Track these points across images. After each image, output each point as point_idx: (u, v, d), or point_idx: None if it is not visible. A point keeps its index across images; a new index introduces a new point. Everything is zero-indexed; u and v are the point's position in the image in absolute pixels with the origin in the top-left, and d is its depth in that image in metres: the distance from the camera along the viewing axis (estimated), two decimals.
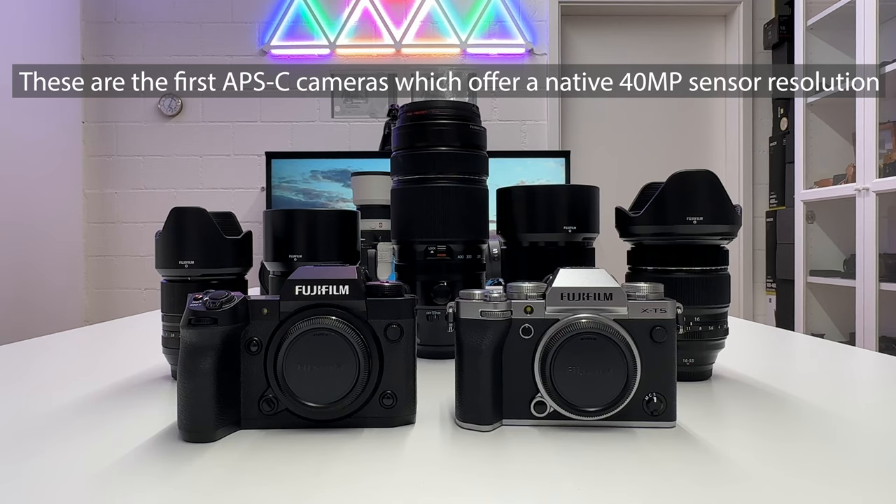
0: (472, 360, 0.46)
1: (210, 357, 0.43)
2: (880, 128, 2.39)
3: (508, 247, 0.71)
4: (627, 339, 0.44)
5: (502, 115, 3.24)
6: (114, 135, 3.24)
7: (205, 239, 0.62)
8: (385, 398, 0.46)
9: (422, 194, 0.73)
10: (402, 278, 0.75)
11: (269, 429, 0.46)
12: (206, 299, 0.44)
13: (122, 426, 0.46)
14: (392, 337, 0.46)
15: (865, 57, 2.39)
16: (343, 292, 0.46)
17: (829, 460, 0.40)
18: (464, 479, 0.38)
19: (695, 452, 0.42)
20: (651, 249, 0.62)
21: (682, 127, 3.41)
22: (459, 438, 0.45)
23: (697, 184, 0.60)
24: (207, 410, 0.43)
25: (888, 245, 2.48)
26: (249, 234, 0.66)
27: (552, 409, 0.46)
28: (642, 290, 0.46)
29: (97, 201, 3.25)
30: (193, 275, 0.62)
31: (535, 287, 0.47)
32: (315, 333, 0.44)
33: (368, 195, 1.22)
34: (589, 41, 3.38)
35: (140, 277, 3.21)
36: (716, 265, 0.61)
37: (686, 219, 0.59)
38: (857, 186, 2.43)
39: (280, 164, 2.97)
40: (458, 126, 0.73)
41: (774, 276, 3.17)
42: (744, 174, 3.32)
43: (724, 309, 0.62)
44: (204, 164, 3.25)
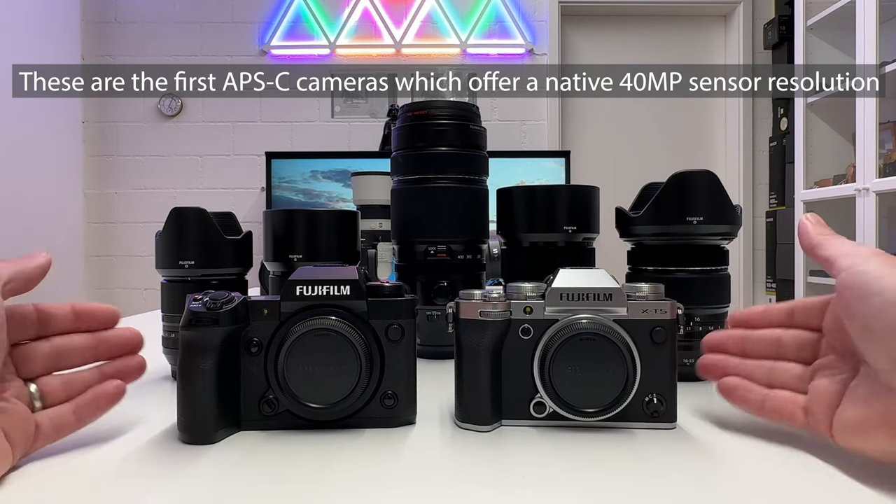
0: (471, 361, 0.46)
1: (210, 358, 0.43)
2: (880, 128, 2.38)
3: (508, 247, 0.71)
4: (627, 339, 0.44)
5: (502, 115, 3.23)
6: (114, 135, 3.24)
7: (205, 239, 0.62)
8: (386, 398, 0.46)
9: (422, 194, 0.73)
10: (402, 278, 0.75)
11: (269, 430, 0.46)
12: (206, 300, 0.44)
13: (122, 427, 0.46)
14: (393, 337, 0.46)
15: (865, 57, 2.39)
16: (344, 293, 0.46)
17: (829, 460, 0.40)
18: (463, 480, 0.38)
19: (695, 453, 0.42)
20: (651, 249, 0.62)
21: (682, 127, 3.41)
22: (459, 439, 0.45)
23: (697, 184, 0.60)
24: (207, 412, 0.43)
25: (888, 245, 2.48)
26: (249, 234, 0.66)
27: (551, 410, 0.45)
28: (642, 290, 0.46)
29: (97, 201, 3.25)
30: (193, 275, 0.62)
31: (535, 287, 0.47)
32: (316, 334, 0.44)
33: (368, 195, 1.22)
34: (589, 41, 3.38)
35: (140, 277, 3.21)
36: (716, 265, 0.61)
37: (686, 219, 0.59)
38: (857, 186, 2.43)
39: (280, 164, 2.97)
40: (458, 126, 0.73)
41: (774, 276, 3.17)
42: (744, 174, 3.32)
43: (724, 309, 0.62)
44: (204, 164, 3.25)
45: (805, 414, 0.41)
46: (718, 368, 0.46)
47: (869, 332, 0.36)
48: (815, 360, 0.42)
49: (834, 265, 0.39)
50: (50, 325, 0.42)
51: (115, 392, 0.43)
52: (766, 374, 0.44)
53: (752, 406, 0.43)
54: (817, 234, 0.42)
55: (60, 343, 0.42)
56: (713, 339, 0.47)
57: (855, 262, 0.38)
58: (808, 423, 0.40)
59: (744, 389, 0.44)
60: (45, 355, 0.42)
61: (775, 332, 0.45)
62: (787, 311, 0.45)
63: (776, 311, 0.45)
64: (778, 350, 0.44)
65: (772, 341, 0.45)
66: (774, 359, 0.44)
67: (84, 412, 0.42)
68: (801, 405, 0.41)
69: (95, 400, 0.42)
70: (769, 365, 0.44)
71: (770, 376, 0.44)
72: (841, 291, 0.38)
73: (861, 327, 0.37)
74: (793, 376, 0.43)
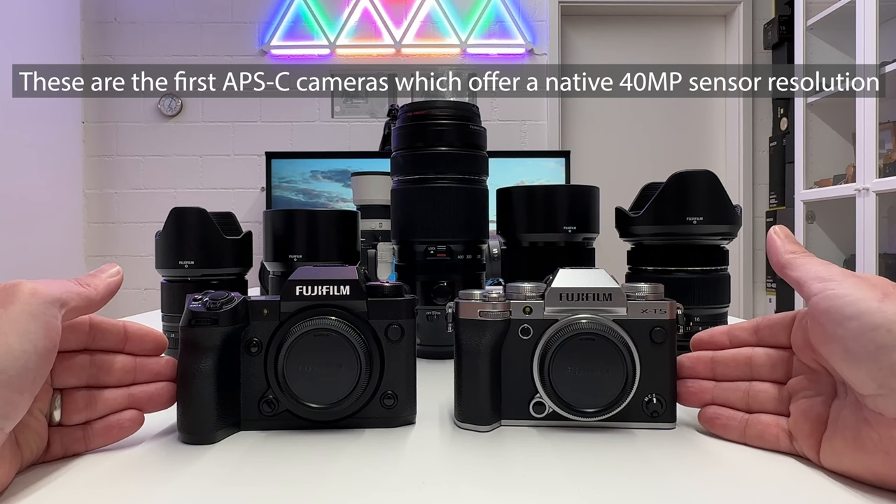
0: (470, 361, 0.46)
1: (210, 358, 0.43)
2: (880, 128, 2.38)
3: (508, 247, 0.71)
4: (627, 339, 0.44)
5: (502, 115, 3.23)
6: (114, 135, 3.24)
7: (204, 239, 0.62)
8: (386, 398, 0.46)
9: (422, 194, 0.73)
10: (402, 278, 0.75)
11: (269, 430, 0.46)
12: (206, 300, 0.44)
13: None
14: (393, 337, 0.46)
15: (865, 57, 2.39)
16: (344, 293, 0.46)
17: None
18: (463, 480, 0.38)
19: (695, 454, 0.42)
20: (651, 249, 0.62)
21: (682, 127, 3.41)
22: (459, 439, 0.45)
23: (697, 184, 0.60)
24: (207, 412, 0.43)
25: (888, 245, 2.48)
26: (249, 234, 0.66)
27: (551, 410, 0.46)
28: (642, 290, 0.46)
29: (97, 201, 3.25)
30: (193, 275, 0.62)
31: (535, 287, 0.47)
32: (316, 334, 0.44)
33: (368, 195, 1.22)
34: (589, 41, 3.38)
35: (140, 277, 3.20)
36: (716, 265, 0.61)
37: (686, 219, 0.59)
38: (857, 186, 2.43)
39: (280, 164, 2.97)
40: (457, 126, 0.73)
41: (774, 276, 3.17)
42: (744, 174, 3.32)
43: (724, 309, 0.62)
44: (204, 164, 3.25)
45: (789, 438, 0.40)
46: (694, 395, 0.45)
47: (850, 356, 0.35)
48: (788, 378, 0.42)
49: (804, 288, 0.38)
50: (99, 340, 0.42)
51: (129, 425, 0.42)
52: (743, 397, 0.43)
53: (734, 433, 0.43)
54: (786, 252, 0.41)
55: (102, 360, 0.42)
56: (682, 364, 0.46)
57: (827, 286, 0.37)
58: (793, 448, 0.40)
59: (725, 417, 0.43)
60: (85, 368, 0.41)
61: (745, 352, 0.44)
62: (752, 330, 0.44)
63: (740, 329, 0.45)
64: (750, 370, 0.43)
65: (742, 361, 0.44)
66: (748, 380, 0.43)
67: (94, 439, 0.42)
68: (784, 428, 0.41)
69: (108, 429, 0.42)
70: (745, 387, 0.43)
71: (747, 399, 0.43)
72: (815, 316, 0.37)
73: (841, 352, 0.36)
74: (770, 398, 0.42)
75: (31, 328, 0.35)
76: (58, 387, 0.41)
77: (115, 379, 0.43)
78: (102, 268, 0.43)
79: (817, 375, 0.40)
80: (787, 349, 0.42)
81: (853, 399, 0.36)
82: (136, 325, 0.44)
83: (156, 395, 0.44)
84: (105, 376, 0.42)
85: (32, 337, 0.35)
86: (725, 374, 0.44)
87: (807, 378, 0.40)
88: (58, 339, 0.37)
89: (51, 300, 0.36)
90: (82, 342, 0.41)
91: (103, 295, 0.41)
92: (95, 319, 0.42)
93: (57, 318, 0.37)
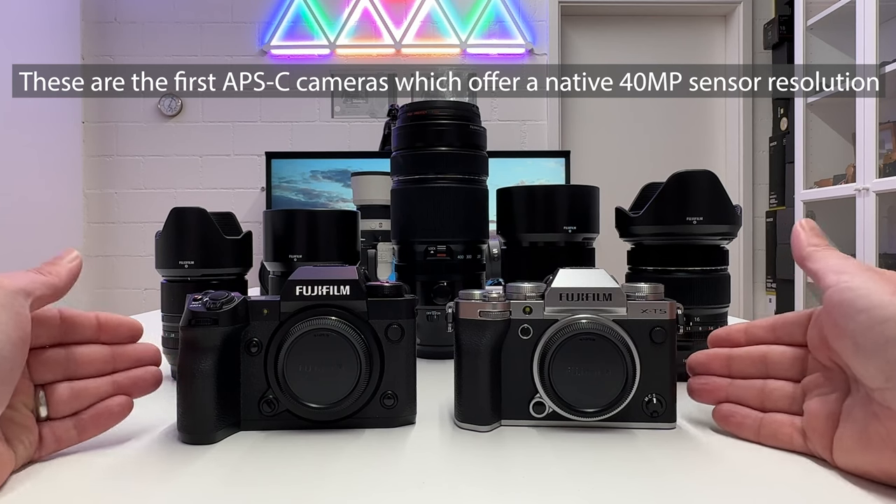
0: (470, 361, 0.46)
1: (210, 358, 0.43)
2: (880, 128, 2.38)
3: (508, 247, 0.71)
4: (627, 339, 0.44)
5: (502, 115, 3.23)
6: (114, 135, 3.24)
7: (204, 239, 0.62)
8: (386, 398, 0.46)
9: (422, 194, 0.73)
10: (402, 278, 0.75)
11: (269, 430, 0.46)
12: (206, 300, 0.44)
13: (122, 427, 0.46)
14: (393, 337, 0.46)
15: (865, 57, 2.39)
16: (344, 293, 0.46)
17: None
18: (463, 480, 0.38)
19: (695, 453, 0.42)
20: (651, 249, 0.62)
21: (682, 127, 3.41)
22: (458, 439, 0.45)
23: (697, 184, 0.60)
24: (207, 412, 0.43)
25: (888, 245, 2.48)
26: (249, 234, 0.66)
27: (551, 410, 0.45)
28: (642, 290, 0.46)
29: (97, 201, 3.25)
30: (193, 275, 0.62)
31: (535, 287, 0.47)
32: (316, 334, 0.44)
33: (368, 195, 1.22)
34: (589, 41, 3.38)
35: (140, 277, 3.21)
36: (716, 265, 0.61)
37: (686, 219, 0.59)
38: (857, 186, 2.43)
39: (280, 164, 2.97)
40: (457, 126, 0.73)
41: (774, 276, 3.17)
42: (744, 174, 3.32)
43: (724, 309, 0.62)
44: (204, 164, 3.25)
45: (802, 437, 0.40)
46: (708, 392, 0.45)
47: (859, 350, 0.35)
48: (803, 377, 0.42)
49: (821, 280, 0.38)
50: (72, 333, 0.42)
51: (118, 410, 0.43)
52: (758, 395, 0.43)
53: (748, 432, 0.43)
54: (809, 244, 0.41)
55: (78, 352, 0.42)
56: (697, 360, 0.46)
57: (841, 279, 0.37)
58: (807, 447, 0.40)
59: (740, 416, 0.43)
60: (61, 363, 0.41)
61: (760, 349, 0.44)
62: (769, 328, 0.44)
63: (758, 327, 0.45)
64: (765, 368, 0.43)
65: (758, 359, 0.44)
66: (763, 377, 0.43)
67: (86, 428, 0.42)
68: (798, 427, 0.41)
69: (98, 417, 0.42)
70: (759, 385, 0.43)
71: (762, 397, 0.43)
72: (828, 309, 0.37)
73: (851, 346, 0.36)
74: (785, 396, 0.42)
75: (0, 319, 0.35)
76: (38, 382, 0.41)
77: (95, 369, 0.43)
78: (61, 254, 0.43)
79: (831, 373, 0.40)
80: (803, 347, 0.42)
81: (864, 395, 0.36)
82: (108, 315, 0.44)
83: (140, 380, 0.44)
84: (83, 368, 0.42)
85: (3, 327, 0.35)
86: (740, 371, 0.44)
87: (821, 376, 0.40)
88: (28, 329, 0.37)
89: (16, 291, 0.37)
90: (55, 336, 0.41)
91: (66, 281, 0.41)
92: (66, 312, 0.42)
93: (25, 308, 0.37)
